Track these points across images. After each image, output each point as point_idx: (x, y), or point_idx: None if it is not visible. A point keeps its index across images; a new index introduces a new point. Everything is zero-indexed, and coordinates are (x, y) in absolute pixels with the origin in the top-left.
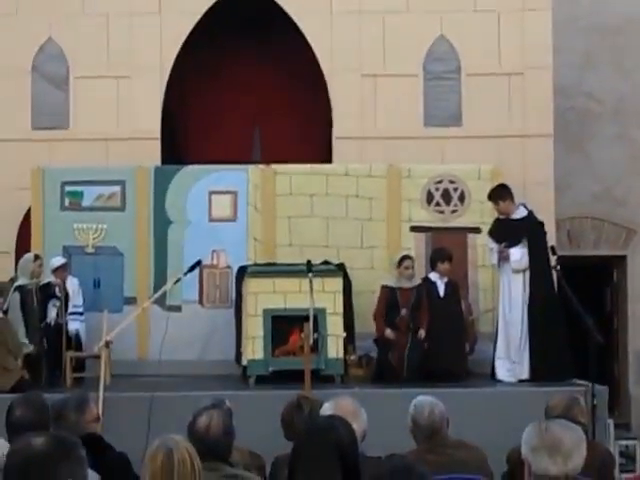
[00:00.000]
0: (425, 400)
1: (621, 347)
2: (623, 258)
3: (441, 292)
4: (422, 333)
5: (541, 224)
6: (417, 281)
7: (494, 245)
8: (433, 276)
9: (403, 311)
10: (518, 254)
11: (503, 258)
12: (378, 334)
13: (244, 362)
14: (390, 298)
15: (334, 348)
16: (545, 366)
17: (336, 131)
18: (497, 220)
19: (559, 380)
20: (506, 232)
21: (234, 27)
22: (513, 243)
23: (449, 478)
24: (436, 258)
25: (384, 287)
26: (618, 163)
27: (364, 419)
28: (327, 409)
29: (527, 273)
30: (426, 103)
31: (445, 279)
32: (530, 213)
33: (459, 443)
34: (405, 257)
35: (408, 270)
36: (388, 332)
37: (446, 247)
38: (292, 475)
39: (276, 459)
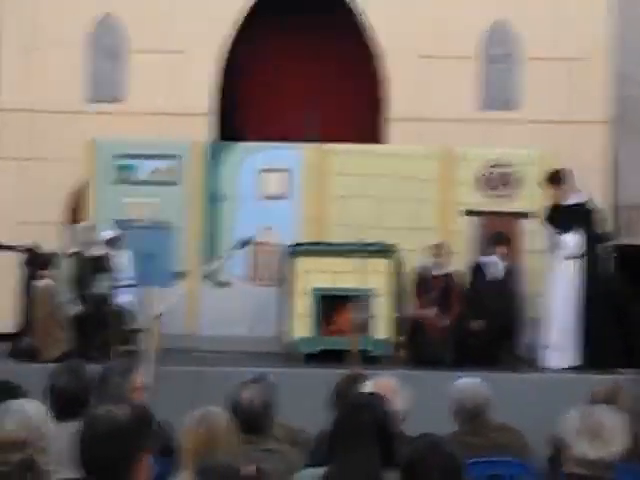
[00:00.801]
0: (468, 382)
1: None
2: None
3: (500, 273)
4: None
5: (597, 211)
6: (449, 269)
7: (549, 230)
8: (490, 259)
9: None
10: (571, 240)
11: (555, 244)
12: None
13: (293, 340)
14: (422, 280)
15: (382, 329)
16: (596, 353)
17: (391, 112)
18: (553, 205)
19: (609, 367)
20: (561, 218)
21: (288, 7)
22: (567, 229)
23: (489, 460)
24: (494, 241)
25: (420, 269)
26: None
27: (405, 398)
28: (368, 387)
29: (580, 260)
30: (483, 86)
31: (505, 261)
32: (588, 200)
33: (501, 427)
34: (439, 244)
35: (442, 257)
36: (427, 311)
37: (503, 231)
38: (332, 449)
39: (320, 433)
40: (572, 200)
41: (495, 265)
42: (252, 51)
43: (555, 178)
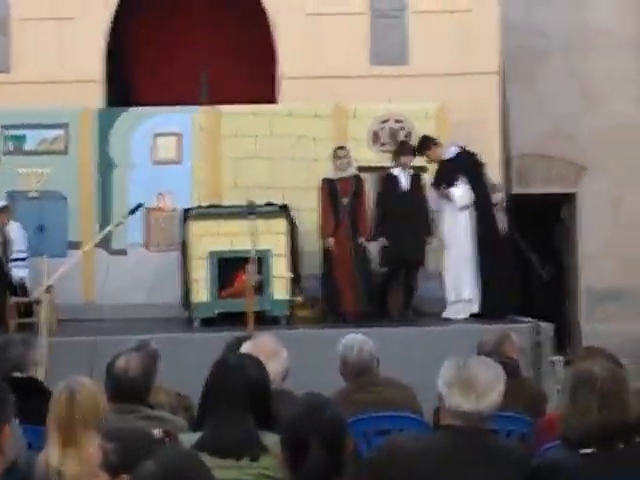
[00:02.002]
0: (354, 338)
1: (572, 285)
2: (573, 195)
3: (405, 185)
4: (362, 241)
5: (477, 161)
6: (353, 171)
7: (435, 191)
8: (395, 171)
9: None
10: (459, 191)
11: (445, 198)
12: (324, 239)
13: (191, 305)
14: (330, 189)
15: (280, 289)
16: (494, 303)
17: (281, 71)
18: (438, 164)
19: (508, 314)
20: (443, 174)
21: None
22: (451, 182)
23: (377, 415)
24: (400, 152)
25: (324, 180)
26: (569, 100)
27: (284, 358)
28: (245, 348)
29: (471, 211)
30: (372, 41)
31: (410, 172)
32: (462, 151)
33: (388, 381)
34: (338, 148)
35: (342, 159)
36: (330, 241)
37: (409, 141)
38: (203, 415)
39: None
40: (448, 155)
41: (397, 177)
42: (141, 14)
43: (422, 146)
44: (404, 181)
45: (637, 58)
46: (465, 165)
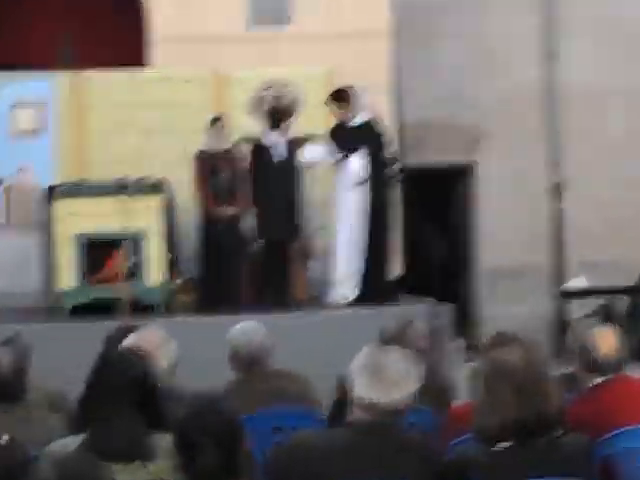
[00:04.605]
0: (245, 327)
1: (471, 263)
2: (471, 166)
3: (282, 153)
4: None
5: (381, 133)
6: (230, 143)
7: (331, 149)
8: (269, 139)
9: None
10: (357, 164)
11: (339, 169)
12: (207, 213)
13: (57, 292)
14: (207, 162)
15: (156, 273)
16: (382, 285)
17: (151, 33)
18: (337, 126)
19: (386, 300)
20: (346, 139)
21: None
22: (351, 151)
23: (272, 412)
24: (279, 114)
25: (200, 153)
26: (467, 61)
27: (172, 351)
28: (130, 341)
29: (367, 185)
30: (252, 1)
31: (286, 137)
32: (371, 120)
33: (281, 372)
34: (215, 118)
35: (225, 129)
36: (223, 209)
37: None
38: (86, 415)
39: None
40: (358, 120)
41: (271, 147)
42: None
43: (339, 96)
44: (281, 149)
45: (538, 17)
46: (369, 134)
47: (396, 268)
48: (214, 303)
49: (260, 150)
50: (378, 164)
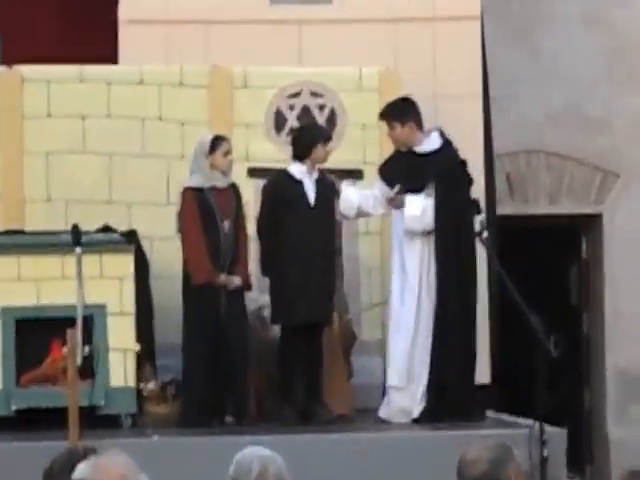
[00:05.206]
0: (252, 454)
1: (593, 361)
2: (597, 218)
3: (311, 198)
4: (237, 280)
5: (462, 164)
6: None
7: (382, 190)
8: (297, 170)
9: (226, 224)
10: (418, 206)
11: (395, 207)
12: (200, 283)
13: None
14: (202, 204)
15: (120, 371)
16: (445, 395)
17: (123, 12)
18: (395, 153)
19: (465, 419)
20: (405, 171)
21: None
22: (412, 188)
23: None
24: (311, 140)
25: (188, 190)
26: (590, 61)
27: None
28: (81, 473)
29: (431, 240)
30: None
31: (315, 175)
32: (446, 144)
33: None
34: (220, 137)
35: (229, 156)
36: (222, 277)
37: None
38: None
39: None
40: (424, 146)
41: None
42: None
43: (394, 111)
44: (310, 190)
45: None
46: (442, 167)
47: (482, 369)
48: (204, 416)
49: (279, 190)
50: (455, 212)
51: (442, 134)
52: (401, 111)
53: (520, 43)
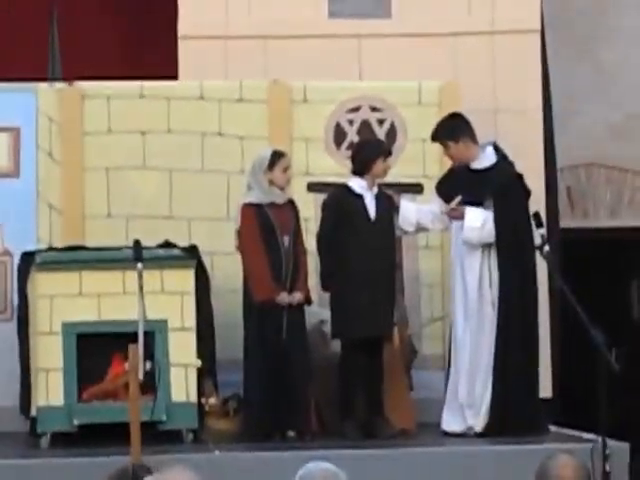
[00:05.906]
0: (316, 470)
1: None
2: None
3: (372, 212)
4: (298, 296)
5: (519, 177)
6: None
7: (440, 206)
8: (357, 185)
9: (286, 239)
10: (478, 218)
11: (455, 218)
12: (262, 300)
13: (33, 412)
14: (261, 220)
15: (181, 386)
16: (509, 409)
17: (183, 28)
18: (450, 170)
19: (528, 433)
20: (461, 188)
21: None
22: (470, 202)
23: None
24: (371, 155)
25: (248, 206)
26: None
27: None
28: None
29: (492, 253)
30: None
31: (375, 190)
32: (502, 159)
33: None
34: (279, 153)
35: (288, 172)
36: (283, 296)
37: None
38: None
39: None
40: (480, 162)
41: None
42: None
43: (447, 129)
44: (370, 205)
45: None
46: (501, 182)
47: (544, 383)
48: (266, 431)
49: (341, 204)
50: (514, 225)
51: (497, 148)
52: (452, 129)
53: (582, 56)
